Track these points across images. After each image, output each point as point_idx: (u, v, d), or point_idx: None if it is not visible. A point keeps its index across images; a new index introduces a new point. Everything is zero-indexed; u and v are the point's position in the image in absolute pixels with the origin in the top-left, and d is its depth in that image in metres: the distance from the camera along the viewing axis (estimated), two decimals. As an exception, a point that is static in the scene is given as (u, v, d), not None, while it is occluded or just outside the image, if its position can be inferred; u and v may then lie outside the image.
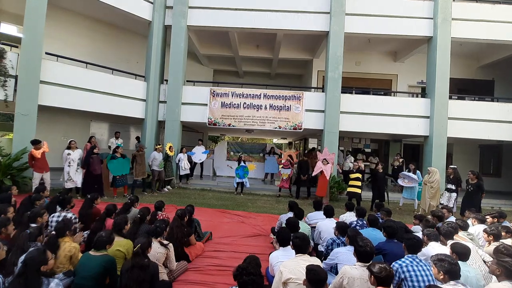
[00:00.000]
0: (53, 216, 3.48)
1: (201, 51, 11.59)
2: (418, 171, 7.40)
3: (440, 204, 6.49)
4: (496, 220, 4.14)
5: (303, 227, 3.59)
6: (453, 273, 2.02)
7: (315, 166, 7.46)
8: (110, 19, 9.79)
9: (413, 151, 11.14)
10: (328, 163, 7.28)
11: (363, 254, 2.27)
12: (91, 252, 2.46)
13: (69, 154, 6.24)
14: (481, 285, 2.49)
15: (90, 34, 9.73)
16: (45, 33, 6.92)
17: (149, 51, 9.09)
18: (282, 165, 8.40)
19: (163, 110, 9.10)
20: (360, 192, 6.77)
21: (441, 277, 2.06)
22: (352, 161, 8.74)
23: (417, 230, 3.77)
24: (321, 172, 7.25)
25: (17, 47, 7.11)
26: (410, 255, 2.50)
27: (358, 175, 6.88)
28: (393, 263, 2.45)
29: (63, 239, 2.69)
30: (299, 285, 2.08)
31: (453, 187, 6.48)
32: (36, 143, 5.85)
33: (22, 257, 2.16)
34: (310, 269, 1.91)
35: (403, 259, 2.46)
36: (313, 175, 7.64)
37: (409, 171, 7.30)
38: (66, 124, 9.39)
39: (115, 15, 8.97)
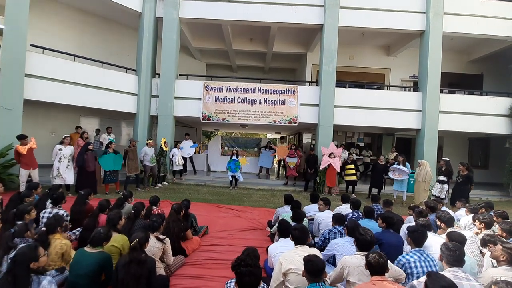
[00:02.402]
0: (44, 212, 3.38)
1: (194, 45, 11.37)
2: (407, 163, 7.51)
3: (433, 196, 6.61)
4: (484, 210, 4.26)
5: (301, 220, 3.61)
6: (455, 260, 2.04)
7: (322, 160, 7.91)
8: (99, 11, 9.45)
9: (405, 145, 11.32)
10: (335, 156, 7.83)
11: (363, 242, 2.27)
12: (87, 249, 2.38)
13: (60, 149, 6.02)
14: (475, 273, 2.55)
15: (78, 26, 9.38)
16: (30, 24, 6.65)
17: (140, 44, 8.84)
18: (287, 155, 8.74)
19: (156, 104, 8.92)
20: (356, 179, 7.89)
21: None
22: (347, 154, 8.85)
23: (411, 221, 3.83)
24: (329, 165, 7.76)
25: (-1, 38, 6.78)
26: (417, 249, 2.44)
27: (353, 165, 7.94)
28: (399, 257, 2.42)
29: (54, 236, 2.60)
30: (299, 276, 2.09)
31: (445, 179, 6.55)
32: (21, 138, 5.61)
33: (12, 254, 2.08)
34: (308, 260, 1.91)
35: (411, 254, 2.41)
36: (321, 168, 7.94)
37: (398, 164, 7.41)
38: (54, 119, 9.06)
39: (104, 6, 8.68)
